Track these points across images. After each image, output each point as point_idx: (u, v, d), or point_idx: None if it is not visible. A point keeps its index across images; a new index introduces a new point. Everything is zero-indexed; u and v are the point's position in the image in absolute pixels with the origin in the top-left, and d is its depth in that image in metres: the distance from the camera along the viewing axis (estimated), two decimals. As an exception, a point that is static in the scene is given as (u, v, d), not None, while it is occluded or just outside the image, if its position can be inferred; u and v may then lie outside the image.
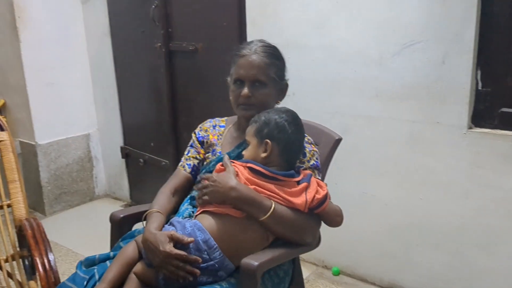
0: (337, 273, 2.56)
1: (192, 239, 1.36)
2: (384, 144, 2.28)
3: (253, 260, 1.33)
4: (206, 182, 1.45)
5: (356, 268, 2.52)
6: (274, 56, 1.60)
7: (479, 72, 2.01)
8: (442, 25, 2.00)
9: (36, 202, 3.51)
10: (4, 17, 3.22)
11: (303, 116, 1.56)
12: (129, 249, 1.47)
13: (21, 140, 3.47)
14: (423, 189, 2.21)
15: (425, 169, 2.18)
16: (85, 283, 1.44)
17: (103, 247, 1.72)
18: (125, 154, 3.58)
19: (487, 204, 2.04)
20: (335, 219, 1.50)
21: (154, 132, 3.30)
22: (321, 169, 1.61)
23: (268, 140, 1.45)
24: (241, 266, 1.34)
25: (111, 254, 1.55)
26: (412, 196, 2.24)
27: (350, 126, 2.34)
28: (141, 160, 3.41)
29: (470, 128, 2.05)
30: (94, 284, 1.43)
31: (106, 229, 1.72)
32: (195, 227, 1.39)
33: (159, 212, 1.52)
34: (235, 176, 1.42)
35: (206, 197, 1.43)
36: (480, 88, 2.02)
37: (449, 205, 2.14)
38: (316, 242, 1.56)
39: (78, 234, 3.16)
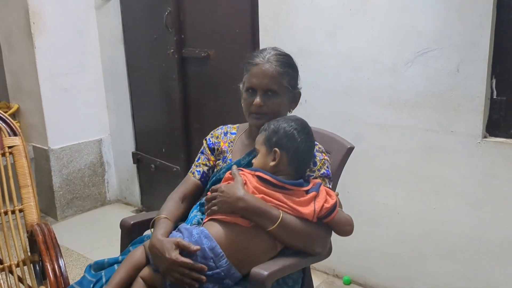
0: (348, 282, 2.54)
1: (198, 247, 1.36)
2: (397, 153, 2.26)
3: (263, 270, 1.32)
4: (214, 193, 1.45)
5: (367, 277, 2.50)
6: (287, 65, 1.58)
7: (494, 81, 1.98)
8: (457, 32, 1.98)
9: (48, 206, 3.54)
10: (19, 23, 3.26)
11: (315, 124, 1.55)
12: (137, 253, 1.48)
13: (34, 144, 3.50)
14: (436, 199, 2.18)
15: (438, 178, 2.16)
16: (91, 286, 1.45)
17: (114, 252, 1.71)
18: (137, 159, 3.59)
19: (502, 215, 2.01)
20: (345, 228, 1.48)
21: (166, 138, 3.30)
22: (333, 177, 1.59)
23: (276, 149, 1.44)
24: (250, 275, 1.33)
25: (120, 258, 1.55)
26: (425, 205, 2.21)
27: (363, 134, 2.33)
28: (153, 165, 3.42)
29: (485, 137, 2.02)
30: (101, 287, 1.44)
31: (117, 234, 1.73)
32: (202, 235, 1.39)
33: (167, 218, 1.52)
34: (243, 186, 1.42)
35: (214, 208, 1.43)
36: (495, 97, 1.99)
37: (462, 215, 2.11)
38: (327, 252, 1.54)
39: (89, 239, 3.18)
